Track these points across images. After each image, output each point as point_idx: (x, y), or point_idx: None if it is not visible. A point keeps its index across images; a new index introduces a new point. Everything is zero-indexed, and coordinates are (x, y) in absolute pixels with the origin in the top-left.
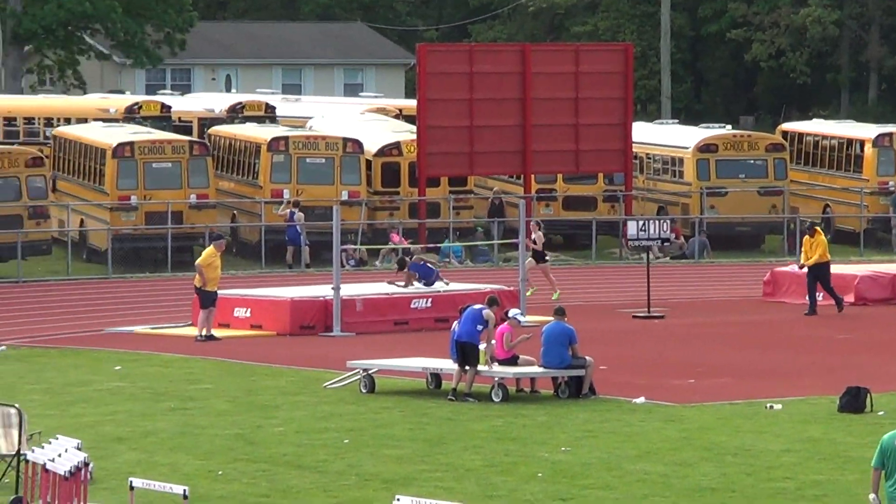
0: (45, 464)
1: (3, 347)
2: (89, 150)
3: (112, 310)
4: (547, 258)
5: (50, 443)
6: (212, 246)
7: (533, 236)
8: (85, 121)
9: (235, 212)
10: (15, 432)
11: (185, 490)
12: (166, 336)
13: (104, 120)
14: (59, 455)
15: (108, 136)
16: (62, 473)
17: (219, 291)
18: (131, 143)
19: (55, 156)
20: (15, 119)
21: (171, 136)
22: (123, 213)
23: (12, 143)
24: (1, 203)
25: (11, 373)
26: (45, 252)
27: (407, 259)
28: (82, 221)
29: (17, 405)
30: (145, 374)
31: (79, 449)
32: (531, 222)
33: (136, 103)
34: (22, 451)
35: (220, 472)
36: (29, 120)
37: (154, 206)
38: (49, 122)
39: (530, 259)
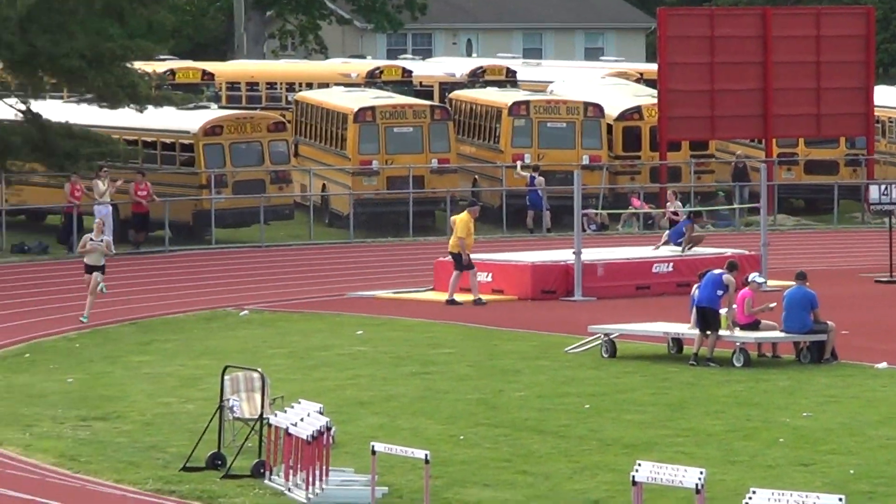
0: (287, 428)
1: (246, 312)
2: (331, 115)
3: (353, 274)
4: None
5: (293, 407)
6: (466, 212)
7: (671, 207)
8: (326, 85)
9: (476, 176)
10: (258, 396)
11: (426, 454)
12: (407, 300)
13: (346, 85)
14: (302, 419)
15: (349, 100)
16: (305, 437)
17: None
18: (373, 108)
19: (297, 120)
20: (257, 84)
21: (413, 100)
22: (365, 177)
23: (255, 108)
24: (244, 168)
25: (254, 337)
26: (287, 217)
27: (690, 219)
28: (324, 186)
29: (259, 369)
30: (387, 339)
31: (321, 413)
32: (668, 191)
33: (378, 68)
34: (265, 416)
35: (461, 437)
36: (271, 85)
37: (395, 170)
38: (291, 87)
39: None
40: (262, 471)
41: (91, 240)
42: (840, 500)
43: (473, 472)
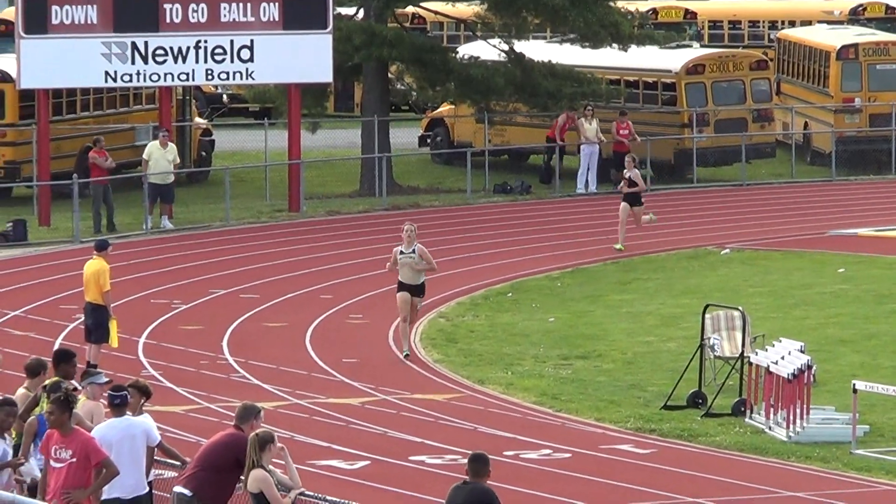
0: (768, 366)
1: (728, 250)
2: (813, 53)
3: (835, 212)
4: (643, 201)
5: (773, 345)
6: None
7: (628, 174)
8: (809, 23)
9: None
10: (739, 335)
11: None
12: (890, 238)
13: (828, 22)
14: (783, 357)
15: (832, 38)
16: (785, 376)
17: None
18: (855, 45)
19: (779, 59)
20: (740, 22)
21: None
22: (847, 115)
23: (737, 47)
24: (725, 106)
25: (736, 276)
26: (768, 155)
27: None
28: (806, 124)
29: (741, 308)
30: (869, 277)
31: (802, 352)
32: (626, 157)
33: (861, 5)
34: (746, 354)
35: None
36: (753, 23)
37: (878, 108)
38: (773, 25)
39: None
40: (742, 409)
41: (401, 252)
42: None
43: None
